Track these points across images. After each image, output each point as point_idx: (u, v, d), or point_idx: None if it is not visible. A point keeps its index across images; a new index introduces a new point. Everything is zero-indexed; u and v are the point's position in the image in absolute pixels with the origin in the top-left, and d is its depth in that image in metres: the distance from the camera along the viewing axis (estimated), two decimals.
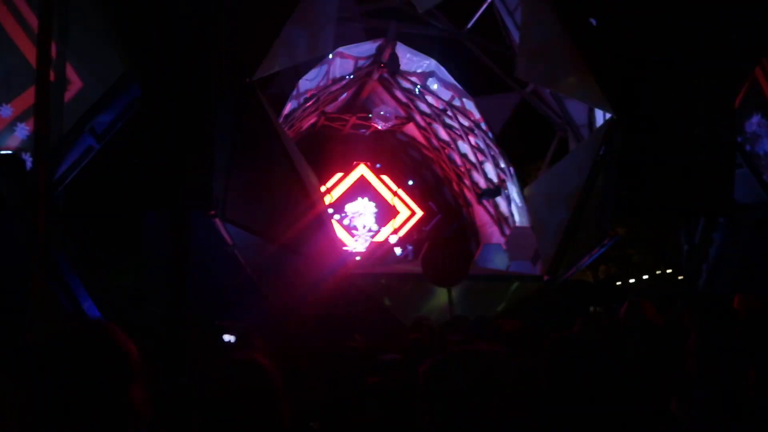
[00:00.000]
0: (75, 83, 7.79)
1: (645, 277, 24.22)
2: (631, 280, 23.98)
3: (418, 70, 14.49)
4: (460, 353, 1.92)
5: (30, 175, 7.26)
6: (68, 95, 7.74)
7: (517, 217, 14.40)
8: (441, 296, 10.60)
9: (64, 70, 7.73)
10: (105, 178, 8.96)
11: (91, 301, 7.55)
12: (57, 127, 7.48)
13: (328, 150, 15.78)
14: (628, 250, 21.83)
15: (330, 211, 13.78)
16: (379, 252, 13.20)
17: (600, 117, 11.49)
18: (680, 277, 16.67)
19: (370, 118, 15.53)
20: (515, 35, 12.58)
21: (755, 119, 11.40)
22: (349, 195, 15.55)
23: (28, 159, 7.34)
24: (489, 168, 15.06)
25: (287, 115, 12.65)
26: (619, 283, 23.22)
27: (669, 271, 23.28)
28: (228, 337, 6.35)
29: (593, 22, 10.71)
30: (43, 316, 6.70)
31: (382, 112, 15.19)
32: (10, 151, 7.27)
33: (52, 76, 7.44)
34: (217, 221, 9.42)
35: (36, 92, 7.38)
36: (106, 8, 7.87)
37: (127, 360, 1.69)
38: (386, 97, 15.75)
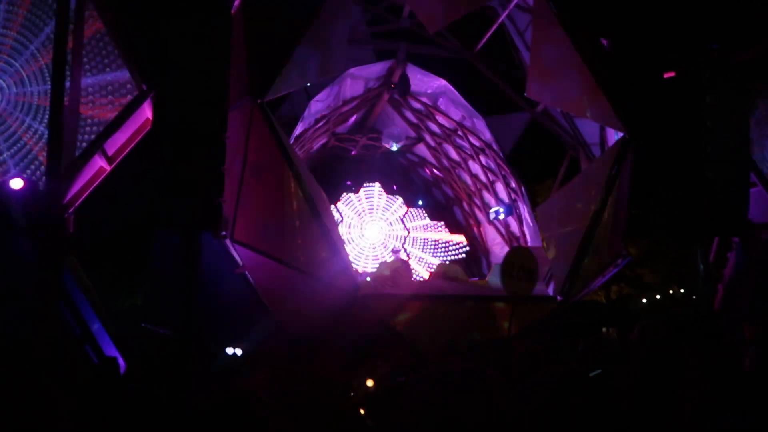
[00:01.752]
0: (87, 106, 7.88)
1: (658, 297, 23.88)
2: (644, 300, 23.64)
3: (429, 91, 14.53)
4: None
5: (41, 198, 7.30)
6: (80, 117, 7.81)
7: (528, 237, 14.28)
8: (455, 318, 10.47)
9: (78, 93, 7.81)
10: (116, 200, 9.01)
11: (100, 323, 7.52)
12: (69, 149, 7.54)
13: (338, 171, 15.80)
14: (640, 270, 21.57)
15: (341, 232, 13.74)
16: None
17: (612, 136, 11.42)
18: (694, 297, 16.42)
19: (381, 138, 15.55)
20: (525, 55, 12.59)
21: None
22: None
23: (40, 182, 7.38)
24: (500, 188, 15.00)
25: (298, 136, 12.69)
26: (630, 303, 22.90)
27: (682, 291, 22.94)
28: (231, 350, 6.29)
29: (603, 41, 10.72)
30: (50, 338, 6.68)
31: (392, 133, 15.20)
32: (21, 182, 7.31)
33: (65, 100, 7.54)
34: (227, 242, 9.40)
35: (49, 115, 7.47)
36: (119, 31, 7.97)
37: None
38: (396, 117, 15.78)
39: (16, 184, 7.22)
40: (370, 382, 4.48)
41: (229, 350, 6.23)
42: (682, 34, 9.65)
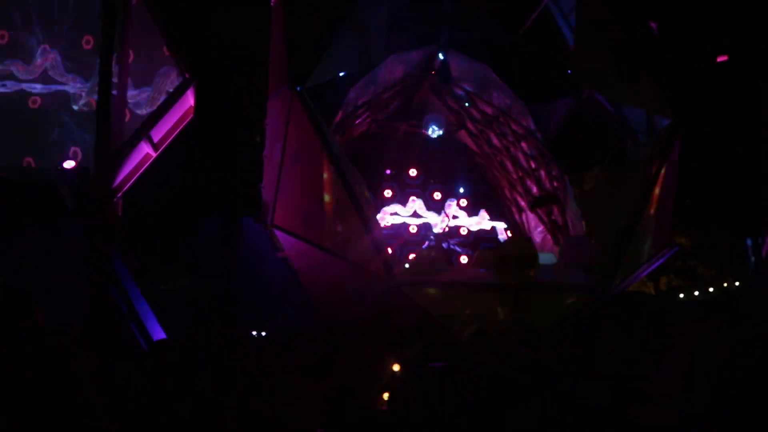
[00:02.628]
0: (134, 93, 8.15)
1: (711, 290, 23.07)
2: (696, 293, 22.89)
3: (470, 77, 14.35)
4: None
5: (91, 183, 7.62)
6: (127, 105, 8.09)
7: (571, 225, 14.02)
8: (490, 307, 10.42)
9: (125, 81, 8.08)
10: (161, 186, 9.31)
11: (146, 303, 7.83)
12: (117, 135, 7.83)
13: (379, 158, 15.81)
14: (692, 262, 20.87)
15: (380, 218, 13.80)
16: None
17: (660, 123, 11.06)
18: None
19: (422, 125, 15.47)
20: (571, 39, 12.28)
21: None
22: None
23: (89, 167, 7.70)
24: (543, 175, 14.74)
25: (338, 123, 12.77)
26: (682, 295, 22.21)
27: (737, 284, 22.10)
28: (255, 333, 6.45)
29: (652, 25, 10.35)
30: (101, 318, 7.00)
31: (432, 120, 15.10)
32: (73, 163, 7.64)
33: (112, 87, 7.82)
34: (268, 227, 9.61)
35: (97, 102, 7.77)
36: (165, 21, 8.19)
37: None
38: (438, 104, 15.66)
39: (68, 165, 7.58)
40: (396, 367, 4.53)
41: (254, 333, 6.40)
42: (736, 17, 9.23)
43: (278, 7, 9.01)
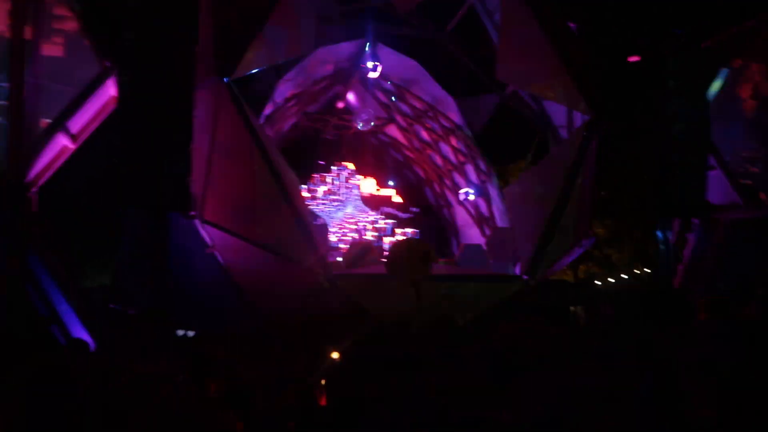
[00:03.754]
0: (49, 83, 7.70)
1: (624, 276, 24.47)
2: (611, 280, 24.22)
3: (399, 71, 14.52)
4: None
5: (2, 177, 7.16)
6: (42, 94, 7.64)
7: (497, 218, 14.50)
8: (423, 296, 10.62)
9: (39, 70, 7.63)
10: (81, 179, 8.87)
11: (67, 303, 7.45)
12: (31, 127, 7.39)
13: (308, 151, 15.75)
14: (607, 250, 22.05)
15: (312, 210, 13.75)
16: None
17: (578, 118, 11.61)
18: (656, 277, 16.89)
19: (351, 118, 15.52)
20: (495, 37, 12.66)
21: (732, 122, 11.61)
22: None
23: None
24: (470, 169, 15.14)
25: (268, 116, 12.59)
26: (598, 282, 23.43)
27: (648, 270, 23.55)
28: (181, 332, 6.31)
29: (571, 25, 10.84)
30: (15, 319, 6.61)
31: (363, 113, 15.18)
32: None
33: (26, 76, 7.37)
34: (196, 222, 9.36)
35: (9, 92, 7.31)
36: (82, 7, 7.79)
37: None
38: (367, 97, 15.74)
39: None
40: (335, 354, 4.57)
41: (180, 332, 6.24)
42: (647, 19, 9.83)
43: None
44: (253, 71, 10.11)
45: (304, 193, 14.96)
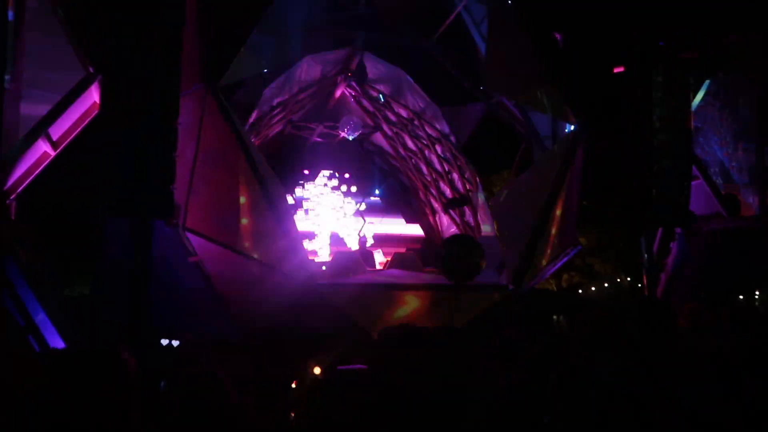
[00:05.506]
0: (30, 88, 7.56)
1: (606, 285, 24.68)
2: (593, 289, 24.42)
3: (386, 80, 14.54)
4: None
5: None
6: (22, 100, 7.50)
7: (482, 227, 14.53)
8: (408, 306, 10.58)
9: (19, 75, 7.49)
10: (62, 186, 8.71)
11: (45, 314, 7.27)
12: (10, 133, 7.24)
13: (294, 158, 15.68)
14: (590, 259, 22.23)
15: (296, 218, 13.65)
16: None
17: (563, 128, 11.69)
18: (639, 286, 17.04)
19: (338, 126, 15.49)
20: (482, 47, 12.73)
21: (712, 134, 11.77)
22: None
23: None
24: (455, 177, 15.18)
25: (253, 123, 12.52)
26: (580, 291, 23.61)
27: (629, 279, 23.77)
28: (166, 341, 6.18)
29: (557, 35, 10.94)
30: None
31: (349, 122, 15.16)
32: None
33: (5, 81, 7.22)
34: (180, 230, 9.23)
35: None
36: (65, 10, 7.67)
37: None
38: (354, 106, 15.74)
39: None
40: (317, 370, 4.49)
41: (164, 341, 6.10)
42: (632, 30, 9.93)
43: (191, 0, 8.68)
44: (240, 78, 10.07)
45: (290, 201, 14.87)
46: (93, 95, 7.92)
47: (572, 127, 10.83)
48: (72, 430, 1.63)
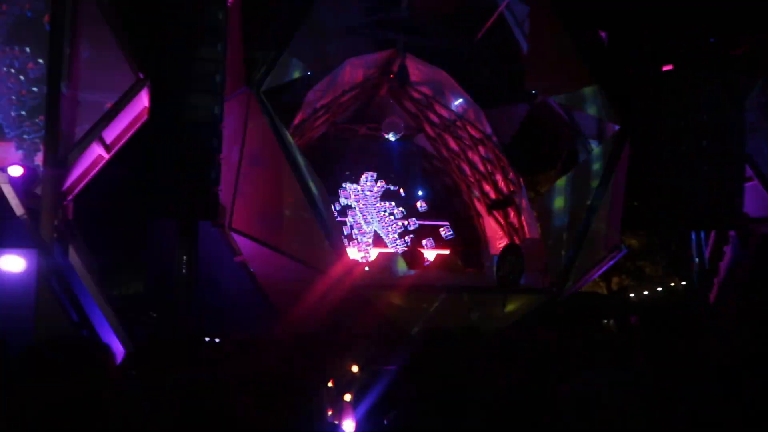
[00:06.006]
0: (85, 93, 7.91)
1: (659, 289, 23.90)
2: (645, 292, 23.68)
3: (428, 81, 14.52)
4: None
5: (40, 185, 7.37)
6: (78, 105, 7.85)
7: (527, 228, 14.33)
8: (447, 305, 10.56)
9: (75, 81, 7.85)
10: (115, 188, 9.08)
11: (99, 309, 7.61)
12: (67, 136, 7.60)
13: (338, 160, 15.83)
14: (640, 262, 21.58)
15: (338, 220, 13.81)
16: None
17: (609, 128, 11.43)
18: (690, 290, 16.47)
19: (381, 128, 15.57)
20: (524, 46, 12.58)
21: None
22: None
23: (38, 169, 7.45)
24: (499, 179, 15.02)
25: (297, 126, 12.72)
26: (632, 295, 22.94)
27: (684, 283, 22.95)
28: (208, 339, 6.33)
29: (602, 34, 10.70)
30: (49, 325, 6.78)
31: (392, 123, 15.22)
32: (21, 169, 7.35)
33: (62, 87, 7.59)
34: (225, 231, 9.49)
35: (46, 102, 7.53)
36: (117, 19, 7.99)
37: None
38: (396, 107, 15.78)
39: (15, 171, 7.28)
40: (355, 368, 4.55)
41: (207, 339, 6.27)
42: (680, 27, 9.63)
43: (236, 6, 8.92)
44: (284, 81, 10.26)
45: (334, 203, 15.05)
46: (143, 100, 8.23)
47: (617, 127, 10.57)
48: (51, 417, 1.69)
